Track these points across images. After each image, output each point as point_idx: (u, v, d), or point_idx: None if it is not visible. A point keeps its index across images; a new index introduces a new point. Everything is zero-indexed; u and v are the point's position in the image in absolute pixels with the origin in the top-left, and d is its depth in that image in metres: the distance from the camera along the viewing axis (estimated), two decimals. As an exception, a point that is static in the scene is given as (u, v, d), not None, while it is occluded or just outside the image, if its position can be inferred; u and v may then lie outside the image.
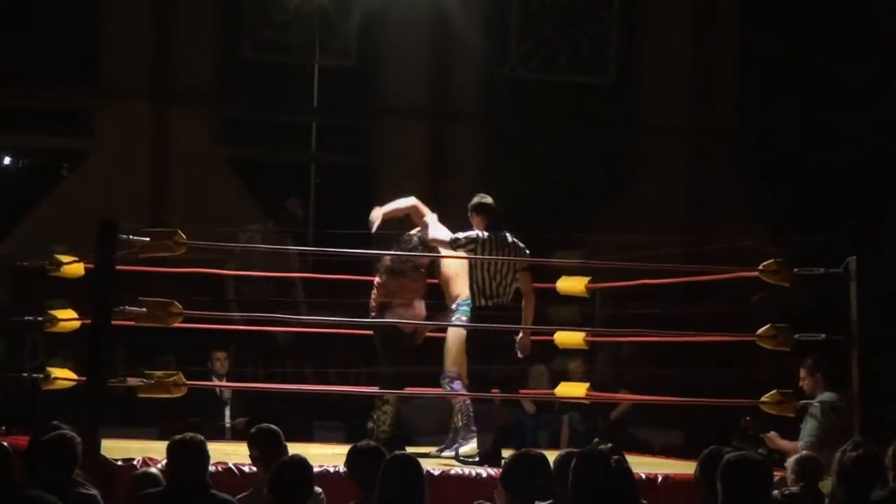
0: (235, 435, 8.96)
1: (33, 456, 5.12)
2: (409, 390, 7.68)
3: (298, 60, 12.08)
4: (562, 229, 12.42)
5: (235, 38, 11.97)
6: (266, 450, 5.55)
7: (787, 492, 5.43)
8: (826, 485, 5.29)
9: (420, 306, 7.51)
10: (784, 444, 7.53)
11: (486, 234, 7.29)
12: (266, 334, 8.65)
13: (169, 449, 5.04)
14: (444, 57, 12.10)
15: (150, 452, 6.33)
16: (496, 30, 12.35)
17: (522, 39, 12.49)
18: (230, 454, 6.64)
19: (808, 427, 7.39)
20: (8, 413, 7.41)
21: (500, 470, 4.96)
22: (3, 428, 7.07)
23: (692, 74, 12.52)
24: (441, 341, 7.47)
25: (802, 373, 7.61)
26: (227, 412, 8.61)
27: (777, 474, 5.70)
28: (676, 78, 12.48)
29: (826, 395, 7.42)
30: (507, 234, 7.32)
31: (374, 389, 7.64)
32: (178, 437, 5.05)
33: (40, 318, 7.47)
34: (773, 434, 7.59)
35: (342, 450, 5.54)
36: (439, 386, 7.36)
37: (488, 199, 7.46)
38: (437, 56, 12.10)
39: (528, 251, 7.28)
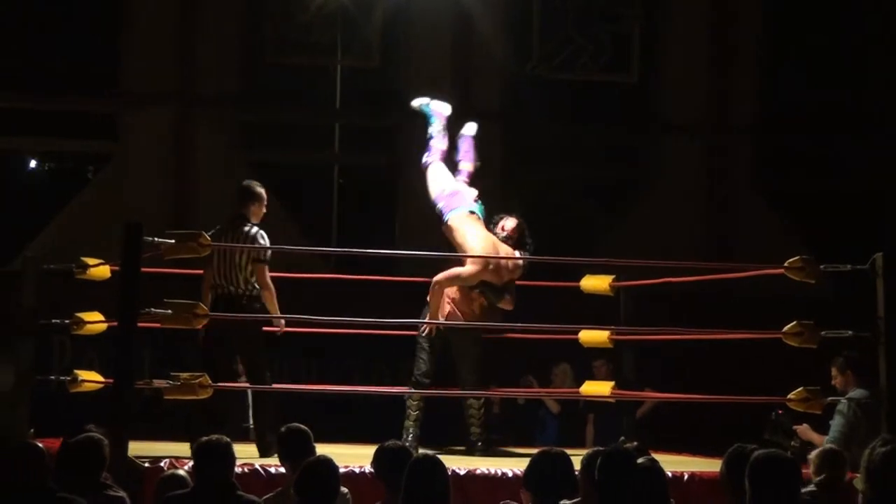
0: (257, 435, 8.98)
1: (62, 458, 5.15)
2: (435, 391, 7.71)
3: (321, 61, 12.10)
4: (583, 228, 12.43)
5: (258, 40, 12.00)
6: (293, 450, 5.56)
7: (805, 490, 5.40)
8: (859, 482, 5.27)
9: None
10: (815, 436, 7.52)
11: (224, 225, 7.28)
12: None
13: (195, 451, 5.06)
14: (466, 56, 12.10)
15: (177, 454, 6.36)
16: (518, 29, 12.34)
17: (544, 38, 12.47)
18: (255, 455, 6.67)
19: (835, 424, 7.38)
20: (38, 416, 7.44)
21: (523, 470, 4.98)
22: (33, 431, 7.10)
23: (713, 73, 12.48)
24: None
25: (833, 371, 7.59)
26: (251, 413, 8.62)
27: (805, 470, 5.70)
28: (698, 77, 12.44)
29: (857, 393, 7.39)
30: (247, 224, 7.25)
31: (402, 389, 7.67)
32: (203, 438, 5.07)
33: (67, 321, 7.51)
34: (805, 426, 7.58)
35: (369, 450, 5.55)
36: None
37: (245, 183, 7.42)
38: (459, 55, 12.09)
39: (262, 242, 7.17)
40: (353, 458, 6.52)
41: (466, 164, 7.91)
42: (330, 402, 9.70)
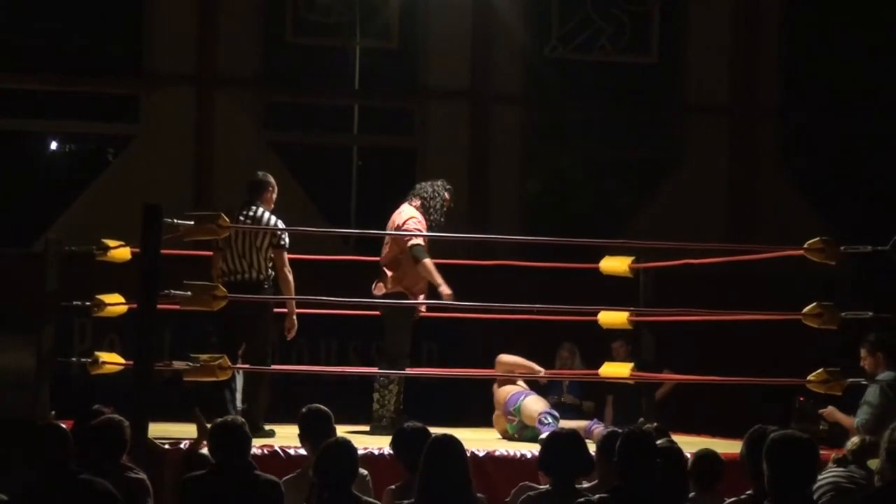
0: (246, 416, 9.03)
1: (83, 440, 5.17)
2: (417, 370, 7.74)
3: (340, 43, 12.09)
4: (605, 210, 12.40)
5: (278, 21, 12.00)
6: (313, 431, 5.57)
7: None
8: (874, 463, 5.25)
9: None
10: (842, 417, 7.50)
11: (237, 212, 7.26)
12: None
13: (211, 432, 5.08)
14: (486, 38, 12.06)
15: (194, 435, 6.38)
16: (537, 10, 12.29)
17: (564, 20, 12.42)
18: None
19: (865, 407, 7.34)
20: (58, 397, 7.48)
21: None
22: (54, 412, 7.15)
23: (735, 53, 12.40)
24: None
25: (863, 352, 7.54)
26: (239, 396, 8.67)
27: (839, 452, 5.69)
28: (719, 57, 12.37)
29: (887, 375, 7.35)
30: (258, 209, 7.18)
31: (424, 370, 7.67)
32: (219, 420, 5.09)
33: (88, 303, 7.54)
34: (830, 408, 7.55)
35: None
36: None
37: (254, 178, 7.39)
38: (478, 37, 12.05)
39: (280, 227, 7.12)
40: (373, 439, 6.54)
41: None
42: (350, 384, 9.73)
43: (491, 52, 12.05)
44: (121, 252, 7.53)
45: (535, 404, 7.60)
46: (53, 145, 12.59)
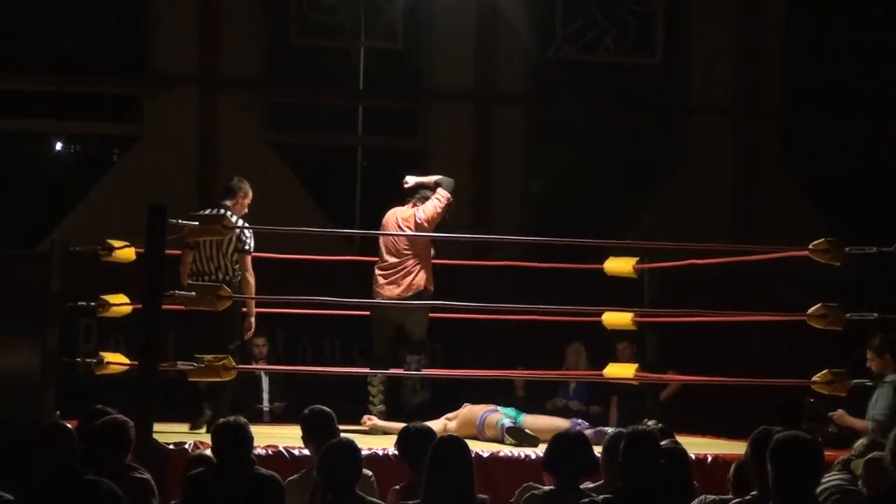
0: (274, 418, 9.08)
1: (88, 440, 5.18)
2: (421, 372, 7.75)
3: (344, 44, 12.10)
4: (608, 210, 12.40)
5: (282, 22, 12.01)
6: (317, 432, 5.57)
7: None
8: (858, 465, 5.24)
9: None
10: (853, 420, 7.49)
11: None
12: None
13: (213, 432, 5.10)
14: (490, 38, 12.07)
15: (201, 436, 6.39)
16: (542, 11, 12.30)
17: (568, 20, 12.43)
18: (276, 436, 6.70)
19: (878, 406, 7.33)
20: (64, 398, 7.50)
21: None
22: (59, 413, 7.15)
23: (739, 54, 12.41)
24: None
25: (869, 354, 7.52)
26: (266, 396, 8.70)
27: (844, 453, 5.68)
28: (723, 58, 12.38)
29: (894, 377, 7.33)
30: (226, 212, 7.20)
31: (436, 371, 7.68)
32: (221, 420, 5.11)
33: (93, 304, 7.55)
34: (840, 412, 7.54)
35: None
36: None
37: (230, 182, 7.45)
38: (483, 38, 12.07)
39: (247, 233, 7.18)
40: (377, 440, 6.54)
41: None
42: (354, 385, 9.74)
43: (495, 52, 12.07)
44: (125, 252, 7.54)
45: (491, 417, 7.49)
46: (58, 146, 12.61)
